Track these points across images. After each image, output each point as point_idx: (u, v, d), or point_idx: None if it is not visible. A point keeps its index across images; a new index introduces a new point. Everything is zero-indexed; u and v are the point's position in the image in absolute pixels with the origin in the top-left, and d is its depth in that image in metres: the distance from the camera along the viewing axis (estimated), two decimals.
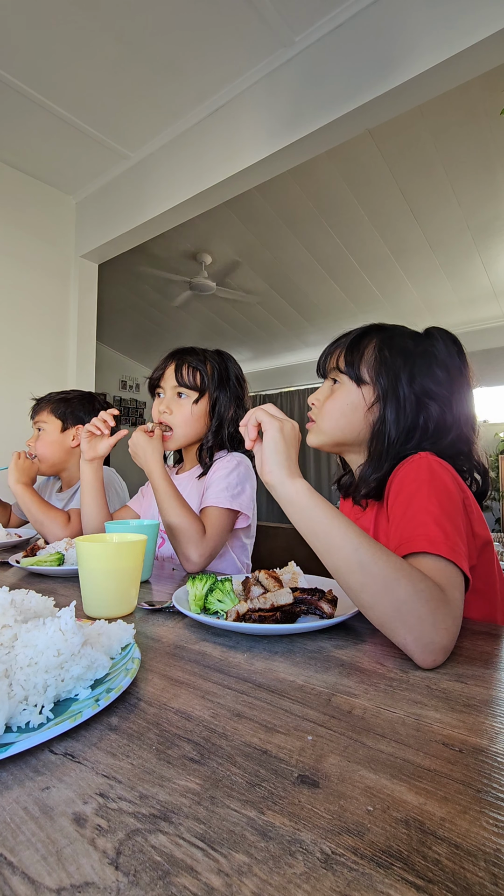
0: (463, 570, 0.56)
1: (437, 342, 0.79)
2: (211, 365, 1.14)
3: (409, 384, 0.76)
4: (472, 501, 0.69)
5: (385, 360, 0.77)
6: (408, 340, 0.80)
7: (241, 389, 1.16)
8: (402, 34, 1.52)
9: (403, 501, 0.64)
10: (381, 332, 0.81)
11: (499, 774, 0.32)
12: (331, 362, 0.83)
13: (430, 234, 3.13)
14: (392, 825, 0.28)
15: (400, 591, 0.51)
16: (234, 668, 0.49)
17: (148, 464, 1.02)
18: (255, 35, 1.76)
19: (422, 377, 0.76)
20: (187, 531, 0.95)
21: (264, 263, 3.68)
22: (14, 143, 2.33)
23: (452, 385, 0.76)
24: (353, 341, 0.80)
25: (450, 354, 0.78)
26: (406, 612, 0.50)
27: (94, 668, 0.43)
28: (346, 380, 0.79)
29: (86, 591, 0.67)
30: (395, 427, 0.75)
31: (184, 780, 0.31)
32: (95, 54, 1.85)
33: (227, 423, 1.13)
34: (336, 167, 2.63)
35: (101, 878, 0.24)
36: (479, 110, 2.19)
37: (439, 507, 0.60)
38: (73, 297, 2.72)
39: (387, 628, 0.52)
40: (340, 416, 0.79)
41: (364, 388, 0.77)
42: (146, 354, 5.84)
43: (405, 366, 0.76)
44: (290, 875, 0.24)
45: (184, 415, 1.10)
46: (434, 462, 0.67)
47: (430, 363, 0.77)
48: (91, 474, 1.13)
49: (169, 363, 1.14)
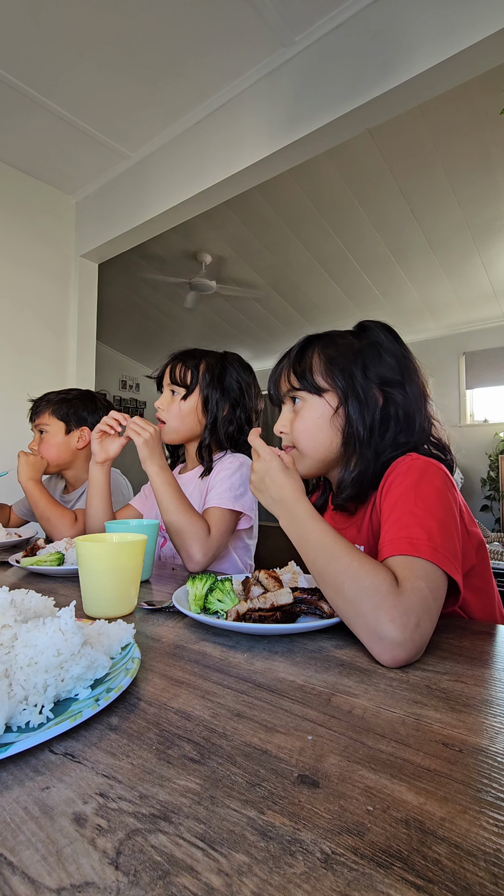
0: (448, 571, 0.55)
1: (376, 332, 0.78)
2: (206, 365, 1.16)
3: (365, 377, 0.75)
4: (462, 501, 0.69)
5: (334, 360, 0.76)
6: (348, 338, 0.79)
7: (242, 393, 1.17)
8: (402, 34, 1.52)
9: (391, 504, 0.64)
10: (319, 339, 0.80)
11: (499, 774, 0.32)
12: (282, 386, 0.81)
13: (430, 234, 3.13)
14: (392, 825, 0.28)
15: (346, 591, 0.53)
16: (234, 668, 0.49)
17: (146, 464, 1.02)
18: (255, 35, 1.76)
19: (374, 367, 0.75)
20: (191, 529, 0.95)
21: (264, 263, 3.68)
22: (14, 143, 2.33)
23: (403, 371, 0.76)
24: (296, 357, 0.79)
25: (390, 342, 0.77)
26: (353, 609, 0.52)
27: (95, 667, 0.43)
28: (306, 395, 0.77)
29: (86, 591, 0.67)
30: (361, 423, 0.73)
31: (184, 780, 0.31)
32: (95, 54, 1.85)
33: (222, 422, 1.14)
34: (336, 167, 2.63)
35: (101, 878, 0.24)
36: (479, 110, 2.19)
37: (426, 509, 0.60)
38: (73, 297, 2.72)
39: (351, 628, 0.54)
40: (316, 431, 0.76)
41: (326, 396, 0.76)
42: (146, 354, 5.84)
43: (356, 361, 0.76)
44: (290, 875, 0.24)
45: (173, 410, 1.14)
46: (426, 463, 0.67)
47: (377, 353, 0.76)
48: (101, 477, 1.14)
49: (168, 362, 1.18)
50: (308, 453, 0.78)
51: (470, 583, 0.69)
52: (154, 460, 1.01)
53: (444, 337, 4.55)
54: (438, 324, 4.44)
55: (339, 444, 0.76)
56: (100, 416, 1.48)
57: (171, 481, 1.00)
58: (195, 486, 1.15)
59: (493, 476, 4.14)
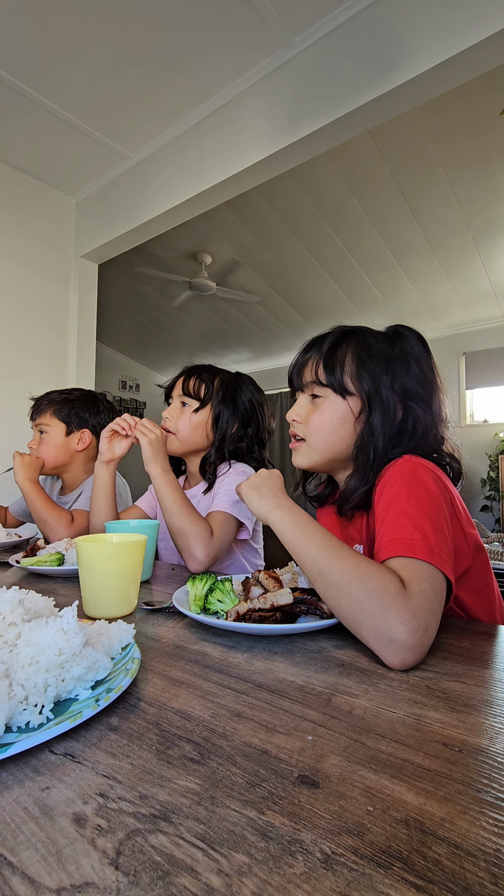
0: (443, 571, 0.55)
1: (411, 342, 0.78)
2: (220, 381, 1.17)
3: (391, 388, 0.74)
4: (459, 501, 0.68)
5: (367, 367, 0.75)
6: (383, 343, 0.78)
7: (255, 413, 1.19)
8: (402, 34, 1.52)
9: (385, 505, 0.64)
10: (354, 336, 0.78)
11: (499, 774, 0.32)
12: (306, 374, 0.79)
13: (430, 234, 3.13)
14: (392, 825, 0.28)
15: (353, 592, 0.52)
16: (234, 668, 0.49)
17: (150, 465, 1.03)
18: (255, 35, 1.76)
19: (402, 379, 0.75)
20: (194, 530, 0.95)
21: (264, 263, 3.68)
22: (14, 143, 2.33)
23: (427, 388, 0.75)
24: (328, 351, 0.77)
25: (423, 355, 0.77)
26: (360, 611, 0.51)
27: (96, 668, 0.43)
28: (330, 393, 0.76)
29: (86, 591, 0.67)
30: (382, 435, 0.73)
31: (184, 780, 0.31)
32: (96, 54, 1.85)
33: (229, 439, 1.16)
34: (336, 167, 2.63)
35: (101, 878, 0.24)
36: (479, 110, 2.19)
37: (419, 509, 0.60)
38: (73, 297, 2.72)
39: (353, 630, 0.53)
40: (331, 432, 0.76)
41: (350, 399, 0.75)
42: (146, 354, 5.84)
43: (387, 370, 0.75)
44: (290, 875, 0.24)
45: (183, 421, 1.15)
46: (418, 464, 0.66)
47: (408, 363, 0.76)
48: (107, 476, 1.15)
49: (182, 374, 1.20)
50: (318, 449, 0.78)
51: (468, 584, 0.69)
52: (158, 462, 1.02)
53: (444, 337, 4.55)
54: (438, 324, 4.44)
55: (350, 447, 0.76)
56: (101, 417, 1.47)
57: (173, 483, 1.00)
58: (199, 502, 1.15)
59: (493, 476, 4.14)
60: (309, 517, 0.64)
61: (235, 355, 5.56)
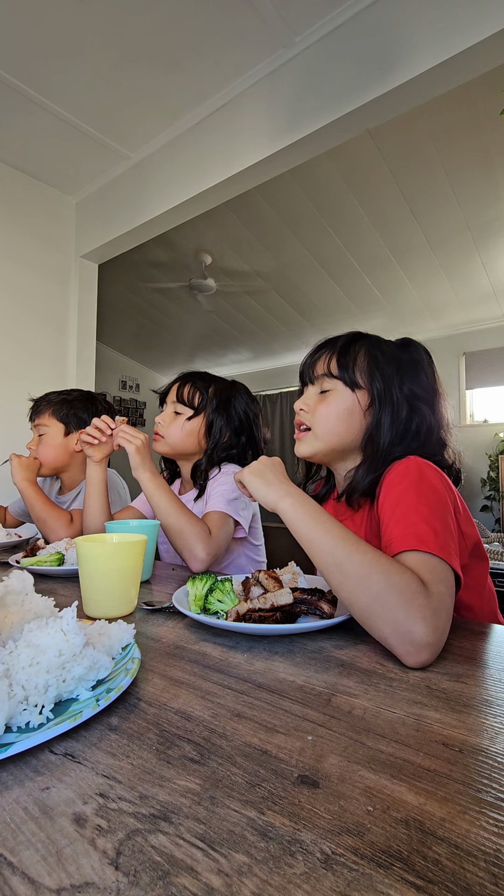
0: (453, 567, 0.56)
1: (419, 351, 0.82)
2: (215, 389, 1.17)
3: (401, 389, 0.78)
4: (460, 501, 0.70)
5: (379, 365, 0.79)
6: (394, 348, 0.82)
7: (250, 423, 1.19)
8: (402, 34, 1.52)
9: (392, 502, 0.64)
10: (367, 338, 0.83)
11: (499, 774, 0.32)
12: (318, 368, 0.83)
13: (430, 234, 3.12)
14: (392, 825, 0.28)
15: (373, 585, 0.52)
16: (234, 668, 0.49)
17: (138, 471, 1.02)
18: (255, 35, 1.76)
19: (410, 382, 0.79)
20: (192, 529, 0.95)
21: (264, 263, 3.68)
22: (14, 143, 2.33)
23: (432, 391, 0.80)
24: (343, 346, 0.81)
25: (429, 365, 0.82)
26: (379, 604, 0.51)
27: (97, 668, 0.43)
28: (340, 385, 0.79)
29: (86, 591, 0.67)
30: (389, 431, 0.76)
31: (184, 780, 0.31)
32: (95, 54, 1.85)
33: (220, 447, 1.16)
34: (336, 167, 2.63)
35: (101, 879, 0.24)
36: (479, 110, 2.19)
37: (428, 506, 0.61)
38: (73, 297, 2.71)
39: (367, 624, 0.53)
40: (337, 422, 0.79)
41: (359, 393, 0.78)
42: (146, 354, 5.84)
43: (397, 371, 0.79)
44: (290, 875, 0.24)
45: (174, 427, 1.15)
46: (423, 464, 0.68)
47: (417, 369, 0.80)
48: (99, 474, 1.15)
49: (177, 380, 1.20)
50: (322, 438, 0.80)
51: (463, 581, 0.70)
52: (146, 467, 1.02)
53: (444, 337, 4.55)
54: (438, 324, 4.43)
55: (354, 440, 0.79)
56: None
57: (164, 486, 1.00)
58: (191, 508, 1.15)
59: (493, 476, 4.14)
60: (320, 507, 0.63)
61: (235, 355, 5.56)
